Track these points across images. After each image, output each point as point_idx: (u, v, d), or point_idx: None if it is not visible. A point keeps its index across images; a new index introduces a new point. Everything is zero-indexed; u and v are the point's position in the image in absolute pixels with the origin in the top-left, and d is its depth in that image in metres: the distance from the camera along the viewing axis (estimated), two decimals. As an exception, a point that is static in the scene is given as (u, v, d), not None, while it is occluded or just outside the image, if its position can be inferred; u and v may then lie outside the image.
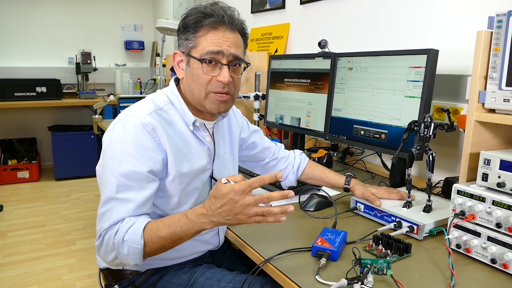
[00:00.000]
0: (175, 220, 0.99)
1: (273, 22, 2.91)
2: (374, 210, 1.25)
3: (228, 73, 1.09)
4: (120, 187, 1.00)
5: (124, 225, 0.98)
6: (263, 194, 0.91)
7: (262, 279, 1.12)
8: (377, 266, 0.88)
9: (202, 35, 1.08)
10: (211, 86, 1.10)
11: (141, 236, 0.96)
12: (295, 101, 2.06)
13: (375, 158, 2.00)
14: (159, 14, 5.31)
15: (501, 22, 1.01)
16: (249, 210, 0.91)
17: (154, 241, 0.98)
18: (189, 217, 0.98)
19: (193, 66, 1.10)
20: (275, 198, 0.91)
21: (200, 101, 1.12)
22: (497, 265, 0.95)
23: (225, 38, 1.08)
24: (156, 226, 0.99)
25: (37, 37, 4.91)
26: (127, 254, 0.97)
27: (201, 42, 1.09)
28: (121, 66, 5.37)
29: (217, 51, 1.07)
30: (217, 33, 1.08)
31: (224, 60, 1.09)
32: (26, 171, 4.52)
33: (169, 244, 0.99)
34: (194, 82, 1.11)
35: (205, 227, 0.97)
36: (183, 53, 1.13)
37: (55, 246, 3.03)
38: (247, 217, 0.93)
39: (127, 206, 1.00)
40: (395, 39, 1.94)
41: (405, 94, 1.49)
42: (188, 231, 0.98)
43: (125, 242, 0.96)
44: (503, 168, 0.98)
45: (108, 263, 1.04)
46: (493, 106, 1.05)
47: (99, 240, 1.01)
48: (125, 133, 1.03)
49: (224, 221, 0.95)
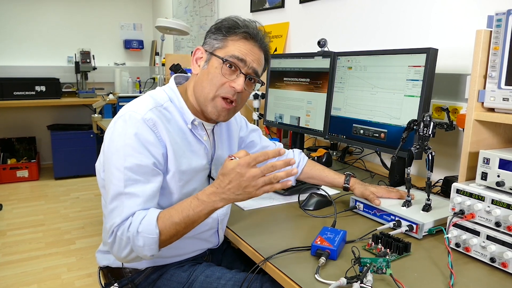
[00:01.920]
0: (186, 204, 1.00)
1: (273, 21, 2.91)
2: (374, 209, 1.25)
3: (243, 82, 1.10)
4: (127, 181, 1.00)
5: (136, 218, 0.98)
6: (267, 164, 0.95)
7: (261, 277, 1.12)
8: (376, 265, 0.88)
9: (232, 40, 1.10)
10: (222, 90, 1.10)
11: (155, 225, 0.97)
12: (295, 100, 2.06)
13: (375, 157, 2.00)
14: (158, 13, 5.31)
15: (500, 21, 1.01)
16: (257, 182, 0.94)
17: (169, 228, 0.98)
18: (200, 198, 0.99)
19: (213, 64, 1.10)
20: (279, 166, 0.95)
21: (206, 101, 1.11)
22: (496, 264, 0.95)
23: (252, 51, 1.11)
24: (169, 213, 1.00)
25: (36, 36, 4.91)
26: (142, 246, 0.97)
27: (229, 45, 1.10)
28: (120, 65, 5.36)
29: (242, 58, 1.09)
30: (247, 44, 1.10)
31: (244, 70, 1.10)
32: (25, 170, 4.52)
33: (183, 229, 1.00)
34: (207, 80, 1.11)
35: (217, 206, 0.98)
36: (206, 51, 1.13)
37: (55, 245, 3.03)
38: (255, 189, 0.95)
39: (136, 200, 1.00)
40: (395, 38, 1.94)
41: (405, 93, 1.49)
42: (201, 212, 0.99)
43: (140, 233, 0.96)
44: (502, 167, 0.98)
45: (122, 259, 1.03)
46: (493, 105, 1.05)
47: (111, 238, 1.00)
48: (127, 128, 1.03)
49: (235, 196, 0.96)
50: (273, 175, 0.95)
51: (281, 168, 0.96)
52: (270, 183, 0.95)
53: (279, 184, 0.96)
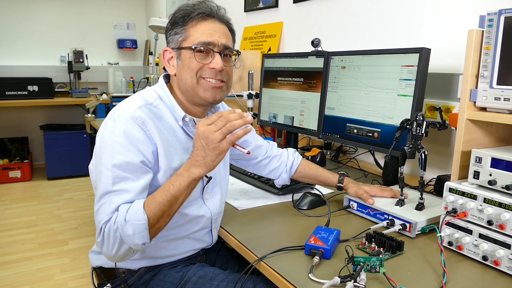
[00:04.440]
0: (166, 182, 1.01)
1: (267, 21, 2.91)
2: (367, 208, 1.26)
3: (220, 60, 1.10)
4: (115, 178, 1.00)
5: (122, 209, 0.97)
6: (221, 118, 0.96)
7: (255, 278, 1.12)
8: (370, 264, 0.88)
9: (192, 27, 1.10)
10: (203, 72, 1.11)
11: (143, 211, 0.97)
12: (289, 100, 2.06)
13: (368, 156, 2.01)
14: (152, 12, 5.28)
15: (492, 21, 1.01)
16: (213, 135, 0.96)
17: (155, 211, 0.98)
18: (178, 173, 1.01)
19: (185, 56, 1.11)
20: (233, 117, 0.96)
21: (193, 89, 1.12)
22: (489, 262, 0.96)
23: (215, 29, 1.11)
24: (152, 196, 1.00)
25: (29, 36, 4.87)
26: (132, 234, 0.95)
27: (191, 33, 1.10)
28: (113, 65, 5.34)
29: (208, 41, 1.09)
30: (207, 23, 1.10)
31: (216, 49, 1.10)
32: (17, 170, 4.48)
33: (168, 208, 0.99)
34: (185, 71, 1.11)
35: (193, 175, 0.99)
36: (173, 49, 1.13)
37: (48, 246, 3.01)
38: (217, 143, 0.96)
39: (125, 196, 0.99)
40: (388, 37, 1.95)
41: (398, 92, 1.49)
42: (181, 185, 0.99)
43: (128, 222, 0.95)
44: (494, 166, 0.99)
45: (113, 257, 1.00)
46: (484, 104, 1.06)
47: (100, 236, 0.99)
48: (115, 127, 1.03)
49: (203, 160, 0.98)
50: (229, 123, 0.95)
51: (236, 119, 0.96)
52: (228, 132, 0.95)
53: (241, 131, 0.97)
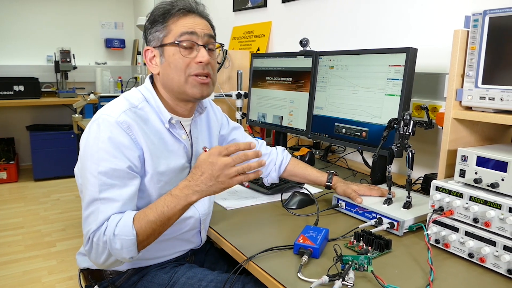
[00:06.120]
0: (161, 201, 0.99)
1: (255, 21, 2.91)
2: (356, 207, 1.26)
3: (206, 52, 1.09)
4: (102, 186, 0.98)
5: (112, 221, 0.96)
6: (238, 153, 0.95)
7: (244, 278, 1.11)
8: (358, 262, 0.88)
9: (173, 23, 1.09)
10: (190, 69, 1.09)
11: (132, 227, 0.95)
12: (277, 100, 2.06)
13: (357, 155, 2.02)
14: (139, 11, 5.24)
15: (477, 21, 1.03)
16: (229, 170, 0.94)
17: (145, 228, 0.97)
18: (173, 193, 0.98)
19: (169, 53, 1.09)
20: (251, 156, 0.96)
21: (181, 87, 1.10)
22: (475, 259, 0.97)
23: (196, 23, 1.10)
24: (144, 213, 0.98)
25: (15, 35, 4.79)
26: (120, 249, 0.95)
27: (172, 29, 1.08)
28: (101, 64, 5.29)
29: (191, 31, 1.08)
30: (187, 19, 1.09)
31: (200, 41, 1.09)
32: (3, 171, 4.41)
33: (159, 227, 0.98)
34: (172, 70, 1.09)
35: (191, 199, 0.98)
36: (155, 47, 1.11)
37: (35, 248, 2.97)
38: (228, 178, 0.95)
39: (113, 205, 0.98)
40: (375, 37, 1.96)
41: (385, 92, 1.50)
42: (175, 208, 0.98)
43: (117, 236, 0.94)
44: (479, 165, 1.00)
45: (101, 265, 1.01)
46: (470, 103, 1.07)
47: (88, 245, 0.98)
48: (100, 133, 1.01)
49: (207, 188, 0.96)
50: (246, 164, 0.95)
51: (252, 158, 0.96)
52: (243, 172, 0.95)
53: (253, 174, 0.97)
